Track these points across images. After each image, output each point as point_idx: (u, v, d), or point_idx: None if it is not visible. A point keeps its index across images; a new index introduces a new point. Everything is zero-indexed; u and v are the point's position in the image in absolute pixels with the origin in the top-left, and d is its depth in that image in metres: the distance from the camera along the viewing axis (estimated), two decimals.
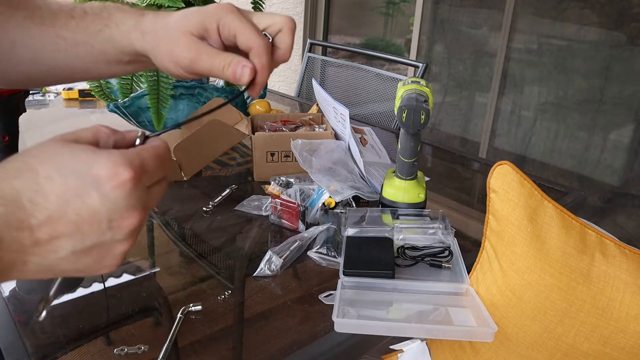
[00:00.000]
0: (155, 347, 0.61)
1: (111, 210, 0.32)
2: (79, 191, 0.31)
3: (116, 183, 0.31)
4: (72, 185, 0.31)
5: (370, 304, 0.71)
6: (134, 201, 0.33)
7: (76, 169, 0.31)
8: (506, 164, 0.68)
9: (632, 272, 0.62)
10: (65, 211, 0.31)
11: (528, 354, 0.67)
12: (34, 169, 0.31)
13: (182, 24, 0.45)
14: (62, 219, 0.31)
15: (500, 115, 2.64)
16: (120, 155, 0.32)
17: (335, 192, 0.92)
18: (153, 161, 0.34)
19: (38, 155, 0.32)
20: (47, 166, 0.31)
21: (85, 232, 0.32)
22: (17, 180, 0.30)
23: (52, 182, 0.31)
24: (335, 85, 1.97)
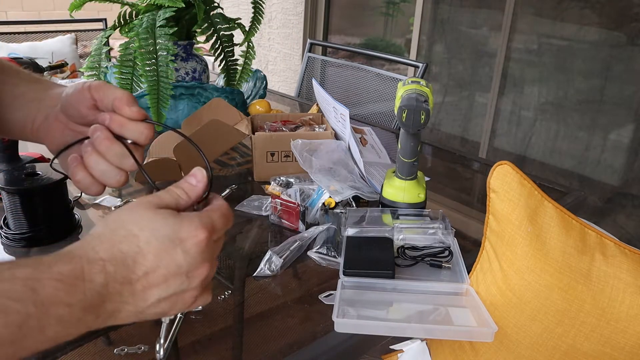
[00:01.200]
0: (155, 347, 0.61)
1: (190, 264, 0.40)
2: (169, 250, 0.39)
3: (195, 241, 0.40)
4: (164, 247, 0.39)
5: (370, 304, 0.71)
6: (206, 255, 0.41)
7: (168, 233, 0.39)
8: (506, 164, 0.68)
9: (632, 272, 0.62)
10: (158, 266, 0.39)
11: (528, 354, 0.67)
12: (135, 235, 0.39)
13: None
14: (155, 273, 0.39)
15: (500, 115, 2.64)
16: (198, 218, 0.41)
17: (335, 192, 0.92)
18: (220, 220, 0.43)
19: (137, 222, 0.40)
20: (145, 232, 0.39)
21: (170, 282, 0.40)
22: (123, 244, 0.38)
23: (150, 245, 0.39)
24: (335, 85, 1.97)
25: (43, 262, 0.35)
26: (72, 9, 1.30)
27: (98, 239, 0.39)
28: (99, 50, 1.29)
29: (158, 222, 0.40)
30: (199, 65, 1.37)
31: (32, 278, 0.34)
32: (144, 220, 0.40)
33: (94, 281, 0.36)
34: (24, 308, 0.33)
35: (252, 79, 1.56)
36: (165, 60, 1.13)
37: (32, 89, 0.54)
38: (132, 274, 0.38)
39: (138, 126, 0.47)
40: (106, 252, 0.38)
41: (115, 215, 0.41)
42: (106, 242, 0.38)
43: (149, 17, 1.18)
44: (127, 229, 0.39)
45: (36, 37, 3.04)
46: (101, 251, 0.38)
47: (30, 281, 0.34)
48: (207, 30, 1.31)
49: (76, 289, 0.35)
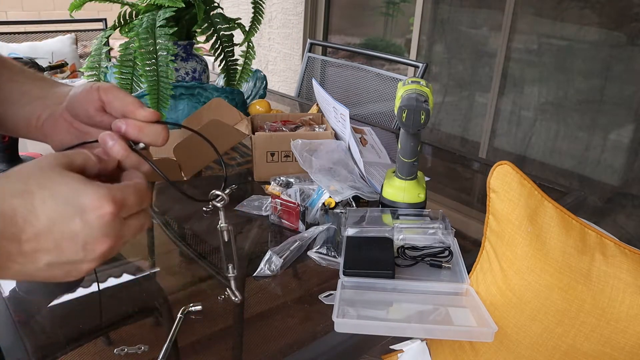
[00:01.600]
0: (155, 347, 0.61)
1: (88, 236, 0.37)
2: (65, 216, 0.36)
3: (98, 214, 0.37)
4: (61, 210, 0.36)
5: (370, 304, 0.71)
6: (109, 230, 0.38)
7: (67, 196, 0.37)
8: (506, 164, 0.68)
9: (632, 272, 0.62)
10: (51, 230, 0.36)
11: (528, 354, 0.67)
12: (31, 192, 0.36)
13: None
14: (46, 237, 0.36)
15: (500, 115, 2.64)
16: (106, 189, 0.38)
17: (335, 192, 0.92)
18: (134, 197, 0.40)
19: (37, 178, 0.37)
20: (43, 191, 0.36)
21: (62, 250, 0.37)
22: (16, 199, 0.36)
23: (45, 206, 0.36)
24: (335, 85, 1.97)
25: None
26: (72, 9, 1.30)
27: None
28: (99, 50, 1.29)
29: (60, 183, 0.37)
30: (199, 65, 1.37)
31: None
32: (45, 179, 0.37)
33: None
34: None
35: (252, 79, 1.56)
36: (165, 60, 1.13)
37: (38, 86, 0.54)
38: (22, 232, 0.36)
39: (155, 128, 0.46)
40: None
41: (19, 167, 0.38)
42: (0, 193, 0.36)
43: (149, 17, 1.18)
44: (25, 183, 0.37)
45: (36, 37, 3.04)
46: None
47: None
48: (207, 30, 1.31)
49: None
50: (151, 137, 0.46)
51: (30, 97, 0.53)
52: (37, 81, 0.55)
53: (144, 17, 1.18)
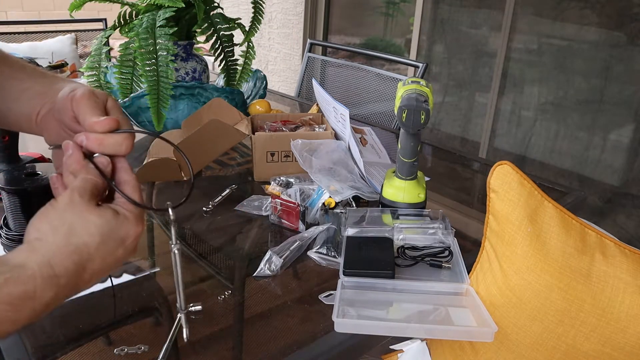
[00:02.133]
0: (155, 347, 0.61)
1: (127, 254, 0.46)
2: (112, 250, 0.44)
3: (134, 237, 0.45)
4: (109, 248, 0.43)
5: (370, 304, 0.71)
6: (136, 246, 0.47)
7: (111, 235, 0.43)
8: (506, 164, 0.68)
9: (632, 272, 0.62)
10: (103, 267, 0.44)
11: (528, 354, 0.67)
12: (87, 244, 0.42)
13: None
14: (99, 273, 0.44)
15: (500, 115, 2.64)
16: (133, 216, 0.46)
17: (335, 192, 0.92)
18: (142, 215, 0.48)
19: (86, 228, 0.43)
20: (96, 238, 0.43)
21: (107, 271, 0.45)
22: (75, 256, 0.42)
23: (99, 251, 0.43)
24: (335, 85, 1.97)
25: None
26: (72, 9, 1.30)
27: (52, 252, 0.40)
28: (99, 50, 1.29)
29: (104, 226, 0.43)
30: (199, 65, 1.37)
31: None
32: (92, 226, 0.43)
33: (45, 297, 0.39)
34: None
35: (252, 79, 1.56)
36: (165, 60, 1.13)
37: (39, 82, 0.55)
38: (81, 280, 0.42)
39: (115, 139, 0.46)
40: (60, 266, 0.40)
41: (61, 219, 0.42)
42: (59, 254, 0.40)
43: (149, 17, 1.18)
44: (79, 237, 0.42)
45: (36, 37, 3.04)
46: (56, 266, 0.40)
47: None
48: (207, 30, 1.31)
49: (25, 307, 0.38)
50: (112, 148, 0.47)
51: (31, 94, 0.53)
52: (38, 77, 0.55)
53: (144, 17, 1.18)
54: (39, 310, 0.39)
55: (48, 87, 0.54)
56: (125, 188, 0.47)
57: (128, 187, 0.47)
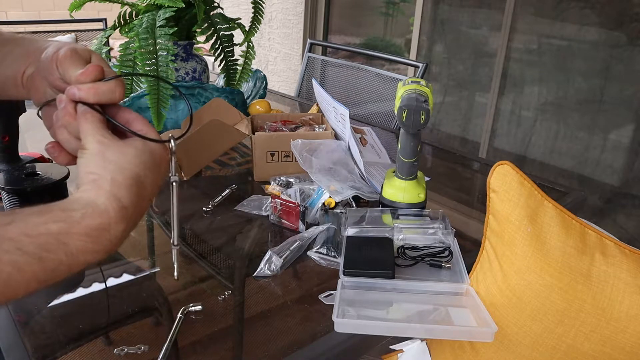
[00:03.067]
0: (155, 347, 0.61)
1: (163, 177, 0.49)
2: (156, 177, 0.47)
3: (166, 160, 0.49)
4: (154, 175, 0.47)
5: (370, 304, 0.71)
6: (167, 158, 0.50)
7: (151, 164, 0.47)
8: (506, 164, 0.68)
9: (632, 272, 0.62)
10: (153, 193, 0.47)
11: (528, 354, 0.67)
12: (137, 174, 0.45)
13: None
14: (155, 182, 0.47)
15: (500, 115, 2.64)
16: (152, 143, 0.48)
17: (335, 192, 0.92)
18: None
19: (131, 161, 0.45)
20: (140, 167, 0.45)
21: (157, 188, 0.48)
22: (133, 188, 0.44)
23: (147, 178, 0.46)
24: (335, 85, 1.97)
25: (73, 217, 0.40)
26: (72, 9, 1.30)
27: (116, 187, 0.43)
28: (99, 50, 1.29)
29: (141, 155, 0.46)
30: (199, 65, 1.37)
31: (64, 233, 0.39)
32: (133, 157, 0.45)
33: (119, 229, 0.42)
34: (57, 257, 0.39)
35: (252, 79, 1.56)
36: (165, 60, 1.13)
37: (20, 44, 0.55)
38: (141, 208, 0.45)
39: (107, 86, 0.48)
40: (127, 197, 0.43)
41: (104, 159, 0.44)
42: (123, 188, 0.43)
43: (149, 17, 1.18)
44: (129, 169, 0.44)
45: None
46: (123, 199, 0.43)
47: (63, 236, 0.39)
48: (207, 30, 1.31)
49: (102, 239, 0.41)
50: (105, 95, 0.48)
51: (15, 56, 0.54)
52: (18, 40, 0.56)
53: (144, 17, 1.18)
54: (114, 241, 0.42)
55: (30, 47, 0.54)
56: (136, 124, 0.49)
57: (138, 123, 0.49)
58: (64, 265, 0.39)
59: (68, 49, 0.49)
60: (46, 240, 0.38)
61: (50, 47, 0.51)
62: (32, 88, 0.53)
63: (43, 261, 0.38)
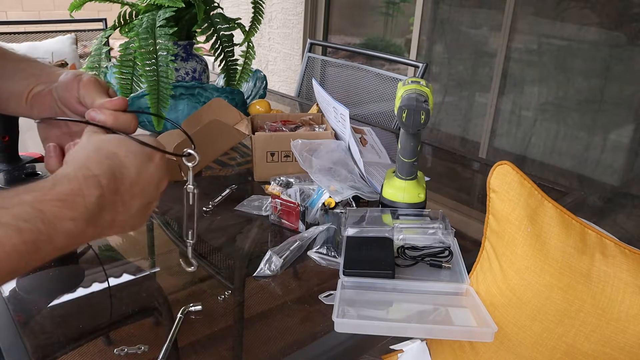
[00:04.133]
0: (155, 347, 0.61)
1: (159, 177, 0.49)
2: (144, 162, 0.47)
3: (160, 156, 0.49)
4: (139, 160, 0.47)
5: (370, 304, 0.71)
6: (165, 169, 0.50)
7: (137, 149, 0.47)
8: (506, 164, 0.68)
9: (632, 272, 0.62)
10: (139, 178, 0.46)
11: (528, 354, 0.67)
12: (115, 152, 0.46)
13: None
14: (137, 185, 0.46)
15: (500, 115, 2.64)
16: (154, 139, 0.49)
17: (335, 192, 0.92)
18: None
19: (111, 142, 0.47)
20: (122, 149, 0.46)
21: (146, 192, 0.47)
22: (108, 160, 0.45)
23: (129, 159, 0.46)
24: (335, 85, 1.97)
25: (45, 186, 0.41)
26: (72, 9, 1.30)
27: (87, 158, 0.44)
28: (99, 50, 1.29)
29: (127, 141, 0.47)
30: (199, 65, 1.37)
31: (38, 200, 0.39)
32: (116, 141, 0.47)
33: (92, 194, 0.42)
34: (34, 226, 0.38)
35: (252, 79, 1.56)
36: (165, 60, 1.13)
37: (33, 65, 0.58)
38: (121, 184, 0.45)
39: (127, 116, 0.51)
40: (97, 168, 0.44)
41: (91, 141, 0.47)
42: (94, 159, 0.44)
43: (149, 17, 1.18)
44: (106, 148, 0.46)
45: (36, 37, 3.04)
46: (93, 168, 0.43)
47: (37, 203, 0.39)
48: (207, 30, 1.31)
49: (77, 204, 0.41)
50: (124, 124, 0.51)
51: (26, 74, 0.56)
52: (32, 62, 0.59)
53: (144, 17, 1.18)
54: (90, 208, 0.42)
55: (42, 70, 0.57)
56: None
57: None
58: (44, 235, 0.39)
59: (91, 76, 0.54)
60: (22, 210, 0.38)
61: (69, 72, 0.55)
62: (37, 104, 0.56)
63: (21, 232, 0.38)
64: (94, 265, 0.79)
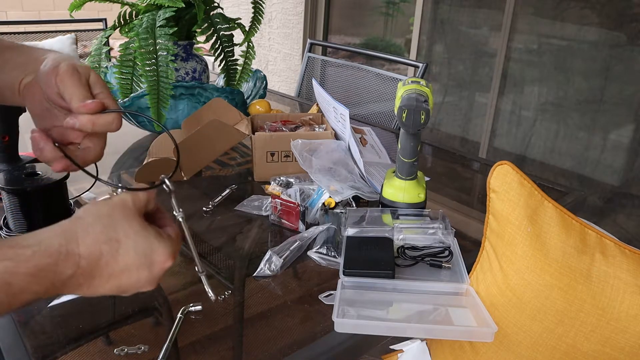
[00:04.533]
0: (155, 347, 0.61)
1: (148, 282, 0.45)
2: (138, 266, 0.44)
3: (162, 267, 0.45)
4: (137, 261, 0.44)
5: (370, 304, 0.71)
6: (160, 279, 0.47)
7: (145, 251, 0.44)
8: (506, 164, 0.68)
9: (632, 272, 0.62)
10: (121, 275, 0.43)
11: (528, 354, 0.67)
12: (118, 240, 0.43)
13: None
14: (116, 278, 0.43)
15: (500, 115, 2.64)
16: (172, 248, 0.46)
17: (335, 192, 0.92)
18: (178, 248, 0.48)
19: (125, 229, 0.44)
20: (128, 241, 0.43)
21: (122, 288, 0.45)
22: (104, 245, 0.42)
23: (126, 256, 0.43)
24: (335, 85, 1.97)
25: (24, 255, 0.39)
26: (72, 9, 1.30)
27: (85, 231, 0.42)
28: (99, 50, 1.29)
29: (142, 236, 0.44)
30: (199, 65, 1.37)
31: (9, 272, 0.38)
32: (132, 230, 0.44)
33: (64, 273, 0.40)
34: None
35: (252, 79, 1.56)
36: (165, 60, 1.13)
37: (17, 53, 0.55)
38: (99, 273, 0.42)
39: (105, 118, 0.49)
40: (87, 248, 0.41)
41: (109, 212, 0.44)
42: (91, 236, 0.42)
43: (149, 17, 1.18)
44: (115, 231, 0.43)
45: (36, 37, 3.04)
46: (82, 245, 0.41)
47: (8, 275, 0.38)
48: (207, 30, 1.31)
49: (46, 280, 0.40)
50: (103, 127, 0.49)
51: (13, 64, 0.54)
52: (16, 49, 0.56)
53: (144, 17, 1.18)
54: (57, 285, 0.41)
55: (30, 57, 0.55)
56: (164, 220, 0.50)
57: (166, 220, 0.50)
58: (3, 306, 0.38)
59: (68, 65, 0.49)
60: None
61: (49, 60, 0.51)
62: (28, 98, 0.53)
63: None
64: None
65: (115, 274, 0.43)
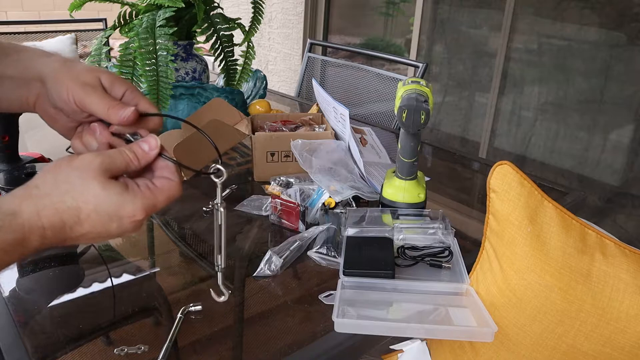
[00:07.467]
0: (155, 347, 0.61)
1: (121, 232, 0.45)
2: (105, 222, 0.44)
3: (132, 220, 0.44)
4: (102, 220, 0.43)
5: (370, 304, 0.71)
6: (139, 227, 0.46)
7: (108, 210, 0.43)
8: (506, 164, 0.68)
9: (632, 272, 0.62)
10: (91, 232, 0.44)
11: (528, 354, 0.67)
12: (78, 207, 0.43)
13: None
14: (87, 236, 0.44)
15: (500, 115, 2.64)
16: (141, 202, 0.44)
17: (335, 192, 0.92)
18: (164, 202, 0.46)
19: (83, 193, 0.43)
20: (89, 206, 0.43)
21: (97, 239, 0.45)
22: (65, 214, 0.42)
23: (89, 218, 0.43)
24: (335, 85, 1.97)
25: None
26: (72, 9, 1.30)
27: (43, 205, 0.42)
28: (99, 50, 1.29)
29: (103, 198, 0.43)
30: (199, 65, 1.37)
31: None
32: (91, 194, 0.43)
33: (31, 245, 0.41)
34: None
35: (252, 79, 1.56)
36: (165, 60, 1.13)
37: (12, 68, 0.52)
38: (67, 236, 0.43)
39: (147, 125, 0.50)
40: (48, 219, 0.42)
41: (67, 177, 0.43)
42: (50, 209, 0.42)
43: (149, 17, 1.18)
44: (73, 198, 0.42)
45: (36, 37, 3.04)
46: (44, 217, 0.41)
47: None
48: (207, 30, 1.31)
49: (14, 252, 0.41)
50: (149, 131, 0.50)
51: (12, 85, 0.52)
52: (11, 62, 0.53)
53: (144, 17, 1.18)
54: (26, 254, 0.42)
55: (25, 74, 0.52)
56: (164, 171, 0.48)
57: (167, 170, 0.48)
58: None
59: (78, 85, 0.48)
60: None
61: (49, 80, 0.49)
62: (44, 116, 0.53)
63: None
64: (94, 265, 0.79)
65: (84, 234, 0.44)
